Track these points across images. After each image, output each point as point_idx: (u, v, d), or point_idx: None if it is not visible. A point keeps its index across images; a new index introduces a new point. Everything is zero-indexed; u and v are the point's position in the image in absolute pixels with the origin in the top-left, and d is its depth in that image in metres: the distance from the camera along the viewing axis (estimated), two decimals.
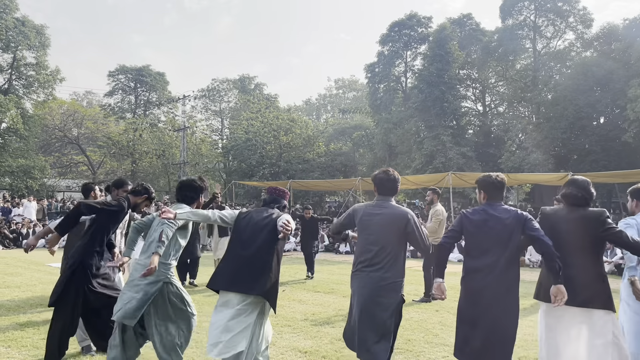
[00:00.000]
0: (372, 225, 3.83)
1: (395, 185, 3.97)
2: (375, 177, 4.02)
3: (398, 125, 30.45)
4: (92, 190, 6.24)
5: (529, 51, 29.54)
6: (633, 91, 21.49)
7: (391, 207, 3.88)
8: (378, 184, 3.99)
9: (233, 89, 51.11)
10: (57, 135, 37.83)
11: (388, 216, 3.82)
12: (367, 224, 3.86)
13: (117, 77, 43.25)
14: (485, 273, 3.57)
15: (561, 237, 3.63)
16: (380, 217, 3.83)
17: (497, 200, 3.78)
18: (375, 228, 3.82)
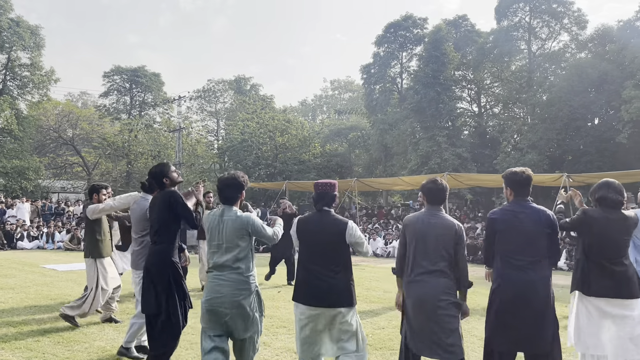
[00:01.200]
0: (428, 236, 3.78)
1: (445, 194, 3.95)
2: (424, 187, 3.96)
3: (394, 126, 30.47)
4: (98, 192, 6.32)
5: (524, 52, 29.62)
6: (627, 92, 21.57)
7: (443, 217, 3.86)
8: (427, 193, 3.94)
9: (229, 90, 51.07)
10: (52, 136, 37.68)
11: (441, 226, 3.79)
12: (422, 234, 3.80)
13: (112, 78, 43.10)
14: (518, 271, 3.64)
15: (607, 236, 3.93)
16: (434, 228, 3.79)
17: (524, 197, 3.82)
18: (430, 238, 3.77)
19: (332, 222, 3.84)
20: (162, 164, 4.61)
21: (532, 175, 3.90)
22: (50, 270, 11.93)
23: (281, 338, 5.82)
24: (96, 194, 6.25)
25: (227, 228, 3.82)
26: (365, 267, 13.98)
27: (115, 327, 6.17)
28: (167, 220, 4.32)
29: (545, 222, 3.70)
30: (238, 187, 3.95)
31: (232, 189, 3.94)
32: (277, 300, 8.31)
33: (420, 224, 3.82)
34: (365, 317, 6.99)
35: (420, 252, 3.75)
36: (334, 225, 3.82)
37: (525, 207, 3.77)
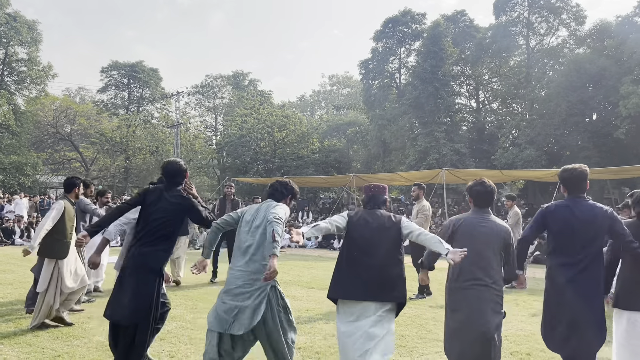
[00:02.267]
0: (477, 239, 3.71)
1: (493, 196, 3.90)
2: (471, 190, 3.92)
3: (392, 121, 30.47)
4: (77, 187, 6.17)
5: (523, 48, 29.62)
6: (625, 88, 21.59)
7: (493, 221, 3.81)
8: (475, 196, 3.90)
9: (227, 85, 50.92)
10: (50, 132, 37.64)
11: (492, 230, 3.74)
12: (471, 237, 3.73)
13: (110, 73, 42.97)
14: (570, 268, 3.63)
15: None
16: (484, 231, 3.73)
17: (579, 194, 3.79)
18: (480, 242, 3.70)
19: (383, 219, 3.83)
20: (179, 162, 4.38)
21: (587, 171, 3.84)
22: None
23: None
24: (76, 188, 6.13)
25: (259, 222, 3.83)
26: None
27: None
28: (176, 226, 4.16)
29: (601, 219, 3.67)
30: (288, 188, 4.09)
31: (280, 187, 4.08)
32: None
33: (470, 227, 3.76)
34: None
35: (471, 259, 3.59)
36: (385, 223, 3.81)
37: (580, 203, 3.74)
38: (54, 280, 5.78)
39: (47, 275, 5.79)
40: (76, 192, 6.13)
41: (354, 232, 3.84)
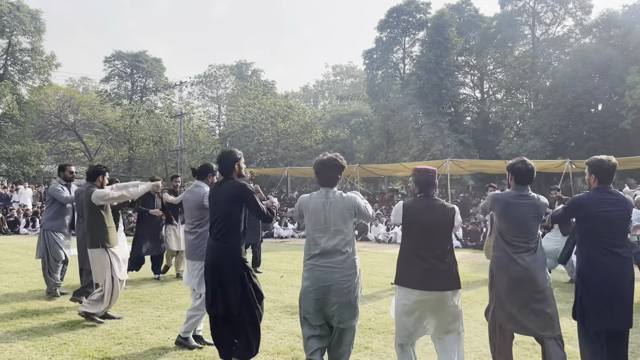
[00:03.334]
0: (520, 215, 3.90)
1: (533, 174, 4.01)
2: (513, 167, 4.02)
3: (396, 112, 30.34)
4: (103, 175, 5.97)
5: (528, 37, 29.38)
6: (631, 78, 21.41)
7: (533, 197, 3.98)
8: (517, 173, 4.01)
9: (230, 75, 50.87)
10: (53, 122, 37.67)
11: (533, 206, 3.92)
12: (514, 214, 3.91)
13: (113, 63, 42.93)
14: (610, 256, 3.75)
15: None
16: (525, 207, 3.91)
17: (607, 184, 3.90)
18: (522, 218, 3.89)
19: (440, 207, 3.79)
20: (232, 150, 4.30)
21: (617, 164, 3.97)
22: None
23: (284, 322, 5.85)
24: (101, 176, 5.90)
25: (334, 210, 3.72)
26: (367, 253, 14.02)
27: (119, 311, 6.18)
28: (237, 216, 4.08)
29: (629, 209, 3.88)
30: (339, 168, 3.87)
31: (333, 170, 3.86)
32: (280, 285, 8.35)
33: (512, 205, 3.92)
34: (367, 302, 7.02)
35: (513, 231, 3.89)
36: (442, 210, 3.76)
37: (610, 193, 3.85)
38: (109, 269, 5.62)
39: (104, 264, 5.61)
40: (101, 180, 5.90)
41: (409, 221, 3.78)
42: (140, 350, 4.72)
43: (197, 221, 4.79)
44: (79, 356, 4.50)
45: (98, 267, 5.65)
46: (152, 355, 4.58)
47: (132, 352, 4.64)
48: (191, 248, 4.77)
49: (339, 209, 3.71)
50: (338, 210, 3.71)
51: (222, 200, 4.09)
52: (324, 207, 3.73)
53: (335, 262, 3.66)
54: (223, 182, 4.19)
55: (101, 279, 5.63)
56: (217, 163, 4.29)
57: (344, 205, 3.72)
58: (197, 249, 4.68)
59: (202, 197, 4.67)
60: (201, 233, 4.70)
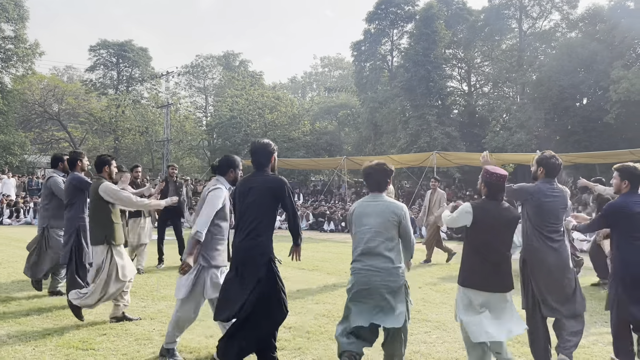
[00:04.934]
0: (553, 207, 4.16)
1: (561, 168, 4.30)
2: (547, 161, 4.24)
3: (383, 104, 30.36)
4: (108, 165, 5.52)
5: (515, 31, 29.51)
6: (616, 72, 21.63)
7: (560, 189, 4.25)
8: (549, 167, 4.24)
9: (217, 66, 50.46)
10: (37, 111, 37.09)
11: (562, 198, 4.22)
12: (548, 205, 4.16)
13: (98, 52, 42.36)
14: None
15: None
16: (557, 199, 4.18)
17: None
18: (555, 209, 4.16)
19: (506, 211, 3.89)
20: (268, 142, 4.11)
21: None
22: None
23: None
24: (107, 166, 5.48)
25: (382, 216, 3.76)
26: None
27: None
28: (272, 212, 3.91)
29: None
30: (388, 173, 3.92)
31: (382, 175, 3.90)
32: None
33: (547, 197, 4.16)
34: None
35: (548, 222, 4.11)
36: (508, 214, 3.87)
37: None
38: (117, 267, 5.24)
39: (101, 264, 5.22)
40: (107, 170, 5.48)
41: (480, 223, 3.84)
42: (126, 341, 4.71)
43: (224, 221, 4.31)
44: (63, 347, 4.47)
45: (96, 265, 5.25)
46: (136, 345, 4.57)
47: (117, 343, 4.63)
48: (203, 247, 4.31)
49: (387, 214, 3.77)
50: (386, 217, 3.76)
51: (256, 194, 3.86)
52: (375, 212, 3.79)
53: (377, 266, 3.71)
54: (257, 175, 3.98)
55: (96, 278, 5.20)
56: (252, 154, 4.04)
57: (390, 212, 3.78)
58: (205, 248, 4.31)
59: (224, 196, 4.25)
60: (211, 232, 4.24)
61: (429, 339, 4.99)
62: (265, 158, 4.01)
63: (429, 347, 4.74)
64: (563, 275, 4.07)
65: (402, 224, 3.79)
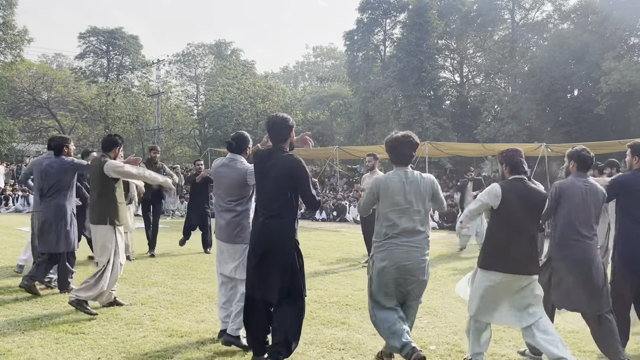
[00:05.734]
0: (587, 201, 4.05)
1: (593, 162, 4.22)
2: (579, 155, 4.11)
3: (376, 94, 30.33)
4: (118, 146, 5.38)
5: (508, 22, 29.53)
6: (607, 64, 21.72)
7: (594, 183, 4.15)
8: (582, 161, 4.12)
9: (209, 55, 50.13)
10: (26, 99, 36.63)
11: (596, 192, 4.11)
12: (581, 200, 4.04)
13: (88, 40, 41.82)
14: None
15: None
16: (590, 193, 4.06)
17: None
18: (588, 204, 4.02)
19: (535, 190, 3.83)
20: (287, 117, 3.86)
21: None
22: (26, 233, 11.75)
23: None
24: (117, 148, 5.35)
25: (414, 190, 3.65)
26: (345, 233, 14.10)
27: None
28: (291, 192, 3.68)
29: None
30: (414, 145, 3.77)
31: (409, 147, 3.75)
32: None
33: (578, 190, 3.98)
34: (345, 279, 7.09)
35: (580, 218, 3.93)
36: (537, 194, 3.82)
37: None
38: (119, 249, 5.16)
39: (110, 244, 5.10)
40: (116, 152, 5.33)
41: (507, 204, 3.74)
42: (116, 325, 4.68)
43: (237, 199, 4.16)
44: (52, 331, 4.44)
45: (100, 247, 5.11)
46: (127, 330, 4.55)
47: (107, 327, 4.60)
48: (228, 229, 4.15)
49: (419, 189, 3.66)
50: (418, 190, 3.66)
51: (275, 173, 3.67)
52: (404, 187, 3.65)
53: (415, 242, 3.63)
54: (273, 153, 3.77)
55: (103, 260, 5.07)
56: (270, 129, 3.83)
57: (423, 186, 3.68)
58: (235, 230, 4.13)
59: (245, 173, 4.09)
60: (242, 212, 4.15)
61: (419, 324, 5.00)
62: (284, 133, 3.80)
63: (420, 331, 4.76)
64: (592, 271, 3.91)
65: (435, 194, 3.73)
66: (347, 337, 4.50)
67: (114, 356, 3.90)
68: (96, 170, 5.20)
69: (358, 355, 4.06)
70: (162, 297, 5.80)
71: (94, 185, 5.33)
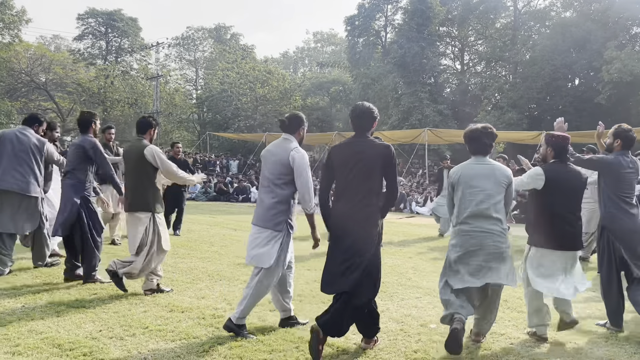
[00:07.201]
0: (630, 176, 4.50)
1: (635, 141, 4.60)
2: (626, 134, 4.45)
3: (376, 80, 30.19)
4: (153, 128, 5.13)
5: (510, 9, 29.36)
6: (609, 53, 21.63)
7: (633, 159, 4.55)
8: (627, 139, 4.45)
9: (208, 38, 49.78)
10: (24, 80, 36.36)
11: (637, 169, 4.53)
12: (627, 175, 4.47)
13: (86, 21, 41.47)
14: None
15: None
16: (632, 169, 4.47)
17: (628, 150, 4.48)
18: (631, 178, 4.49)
19: (575, 172, 4.12)
20: (370, 106, 3.82)
21: None
22: None
23: None
24: (152, 130, 5.08)
25: (493, 178, 3.79)
26: None
27: None
28: (379, 178, 3.66)
29: None
30: (494, 136, 3.95)
31: (489, 137, 3.91)
32: None
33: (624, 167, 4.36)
34: None
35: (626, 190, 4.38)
36: (578, 177, 4.09)
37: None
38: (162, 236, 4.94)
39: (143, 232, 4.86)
40: (151, 134, 5.07)
41: (553, 185, 4.02)
42: (117, 300, 4.69)
43: (279, 180, 3.96)
44: (53, 304, 4.44)
45: (136, 234, 4.82)
46: (128, 305, 4.55)
47: (107, 302, 4.61)
48: (268, 214, 3.97)
49: (498, 177, 3.81)
50: (496, 178, 3.80)
51: (362, 159, 3.61)
52: (484, 174, 3.81)
53: (490, 229, 3.73)
54: (359, 141, 3.72)
55: (139, 248, 4.82)
56: (355, 117, 3.79)
57: (501, 175, 3.82)
58: (271, 212, 3.96)
59: (289, 152, 3.93)
60: (282, 195, 3.96)
61: (419, 304, 5.03)
62: (369, 122, 3.78)
63: (419, 310, 4.79)
64: None
65: (510, 186, 3.86)
66: None
67: (115, 329, 3.90)
68: (136, 153, 4.88)
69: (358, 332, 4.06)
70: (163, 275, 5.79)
71: (130, 169, 5.02)
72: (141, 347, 3.60)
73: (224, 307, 4.62)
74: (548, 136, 4.22)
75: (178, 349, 3.58)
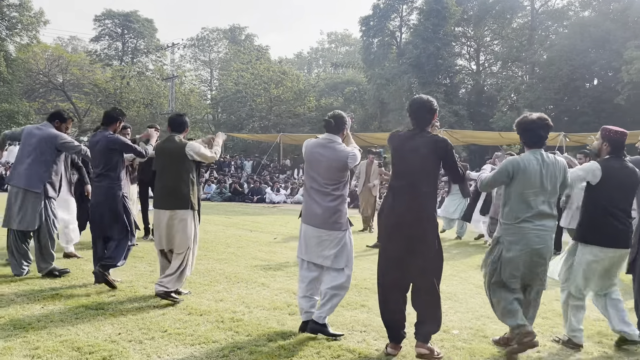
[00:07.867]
0: None
1: None
2: None
3: (391, 81, 30.04)
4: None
5: (527, 9, 29.06)
6: (629, 53, 21.27)
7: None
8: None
9: (223, 39, 50.02)
10: (42, 81, 36.84)
11: None
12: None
13: (103, 22, 41.92)
14: None
15: None
16: None
17: None
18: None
19: (631, 169, 4.00)
20: (429, 99, 3.83)
21: None
22: None
23: (279, 280, 5.84)
24: (187, 128, 5.09)
25: (550, 173, 3.65)
26: None
27: None
28: (435, 173, 3.70)
29: None
30: (550, 128, 3.74)
31: (545, 130, 3.72)
32: (273, 246, 8.36)
33: None
34: (362, 263, 7.02)
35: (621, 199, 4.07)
36: (634, 173, 3.99)
37: None
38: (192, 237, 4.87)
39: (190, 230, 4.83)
40: (187, 132, 5.09)
41: (607, 183, 3.93)
42: (135, 302, 4.66)
43: (335, 183, 3.95)
44: (71, 306, 4.42)
45: (184, 233, 4.76)
46: (146, 307, 4.52)
47: (125, 304, 4.58)
48: (325, 215, 3.94)
49: (554, 171, 3.68)
50: (553, 173, 3.67)
51: (419, 155, 3.61)
52: (541, 169, 3.64)
53: (548, 226, 3.66)
54: (416, 136, 3.70)
55: (183, 248, 4.77)
56: (411, 112, 3.78)
57: (558, 169, 3.70)
58: (334, 216, 3.94)
59: (347, 156, 3.92)
60: (339, 197, 3.96)
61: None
62: (427, 116, 3.75)
63: (442, 316, 4.69)
64: None
65: (565, 179, 3.75)
66: (368, 319, 4.44)
67: (133, 332, 3.87)
68: (175, 150, 4.81)
69: (380, 337, 4.00)
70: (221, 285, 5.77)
71: (167, 166, 4.88)
72: (160, 351, 3.56)
73: (242, 310, 4.57)
74: (605, 130, 4.05)
75: (197, 354, 3.53)
